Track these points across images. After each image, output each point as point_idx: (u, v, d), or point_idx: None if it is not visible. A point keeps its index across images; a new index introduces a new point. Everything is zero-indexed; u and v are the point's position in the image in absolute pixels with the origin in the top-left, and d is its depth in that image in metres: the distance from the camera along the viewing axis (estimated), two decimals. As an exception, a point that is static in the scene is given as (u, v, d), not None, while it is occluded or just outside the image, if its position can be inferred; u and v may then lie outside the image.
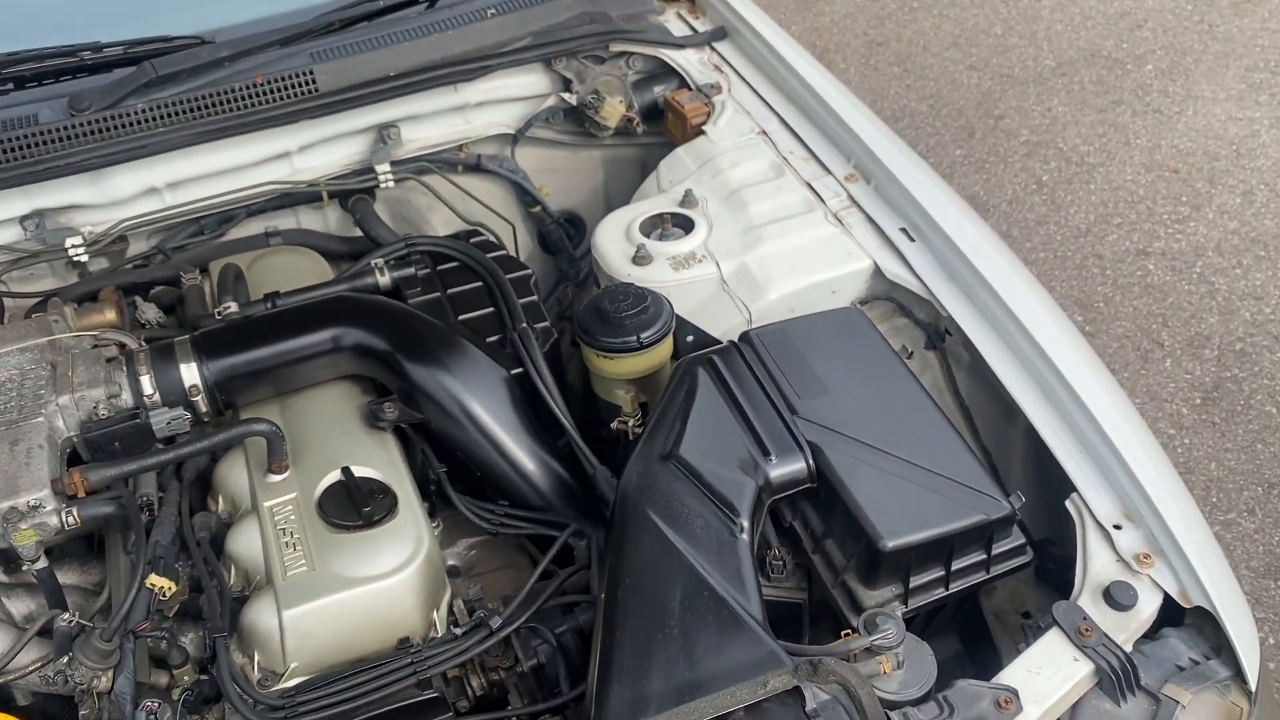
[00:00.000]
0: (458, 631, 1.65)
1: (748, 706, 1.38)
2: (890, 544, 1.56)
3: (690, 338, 2.00)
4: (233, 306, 1.97)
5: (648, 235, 2.14)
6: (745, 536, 1.57)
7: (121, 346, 1.93)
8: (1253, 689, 1.48)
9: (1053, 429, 1.77)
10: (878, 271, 2.08)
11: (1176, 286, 4.07)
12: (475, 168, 2.55)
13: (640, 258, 2.10)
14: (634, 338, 1.88)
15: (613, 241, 2.16)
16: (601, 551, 1.78)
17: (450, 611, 1.74)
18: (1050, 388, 1.81)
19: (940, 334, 2.05)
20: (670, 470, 1.64)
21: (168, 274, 2.25)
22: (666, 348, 1.95)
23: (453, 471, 1.93)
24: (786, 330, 1.86)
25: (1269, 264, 4.11)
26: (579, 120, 2.60)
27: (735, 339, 1.87)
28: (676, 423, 1.71)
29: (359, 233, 2.46)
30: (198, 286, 2.16)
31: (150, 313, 2.17)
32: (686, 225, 2.16)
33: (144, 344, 1.92)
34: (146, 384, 1.82)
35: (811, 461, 1.67)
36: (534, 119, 2.57)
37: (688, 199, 2.20)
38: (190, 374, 1.84)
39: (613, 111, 2.51)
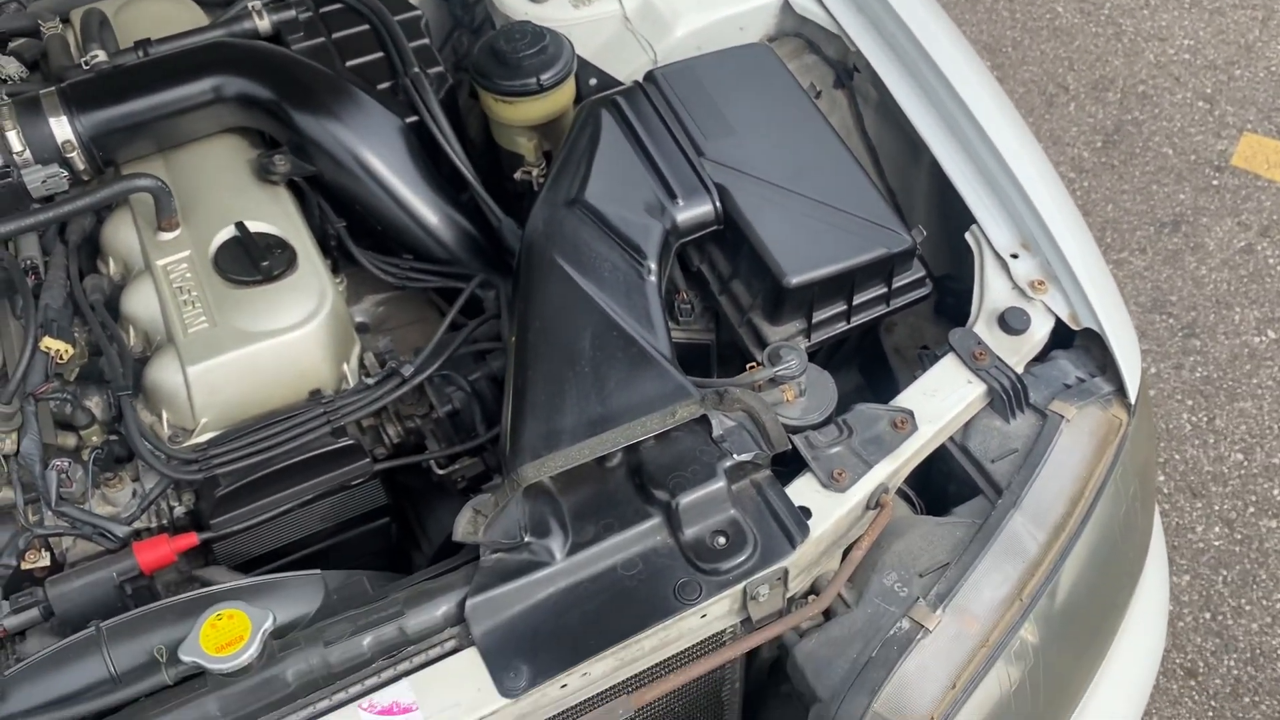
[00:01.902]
0: (369, 381, 1.66)
1: (657, 436, 1.43)
2: (794, 280, 1.58)
3: (593, 80, 1.93)
4: (100, 55, 1.82)
5: (545, -30, 2.02)
6: (653, 279, 1.57)
7: (-20, 101, 1.79)
8: (1132, 402, 1.57)
9: (955, 162, 1.78)
10: (787, 6, 2.01)
11: (1084, 29, 4.04)
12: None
13: (537, -7, 1.98)
14: (533, 79, 1.80)
15: (509, -22, 2.03)
16: (510, 300, 1.77)
17: (361, 365, 1.74)
18: (955, 122, 1.81)
19: (849, 71, 2.01)
20: (576, 215, 1.61)
21: (25, 24, 2.06)
22: (568, 91, 1.88)
23: (353, 227, 1.88)
24: (693, 68, 1.81)
25: (1175, 3, 4.09)
26: None
27: (639, 80, 1.81)
28: (581, 167, 1.67)
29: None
30: (60, 36, 1.99)
31: (11, 67, 2.00)
32: (586, -41, 2.04)
33: (5, 98, 1.78)
34: (14, 140, 1.70)
35: (718, 203, 1.66)
36: None
37: (586, -70, 2.07)
38: (61, 128, 1.72)
39: None
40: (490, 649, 1.30)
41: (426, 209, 1.85)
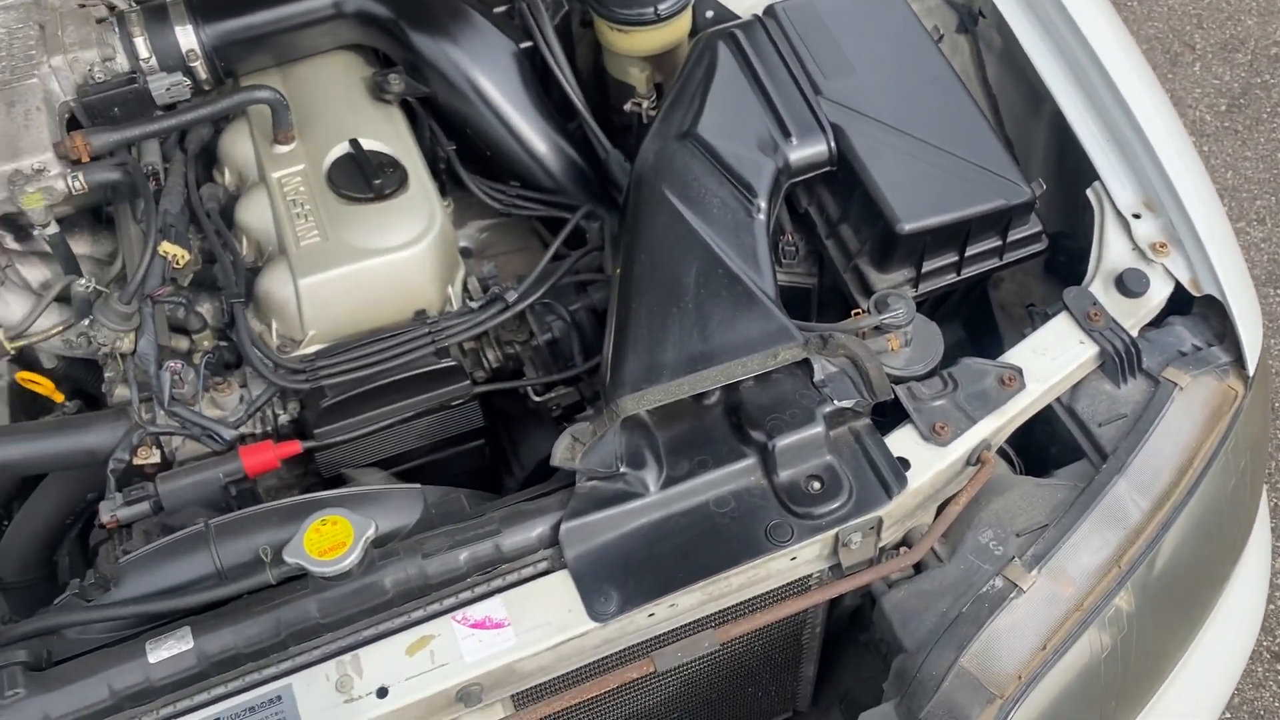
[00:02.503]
0: (473, 305, 1.67)
1: (757, 376, 1.42)
2: (908, 226, 1.55)
3: (710, 13, 1.90)
4: (225, -34, 1.84)
5: (668, -102, 1.97)
6: (762, 217, 1.55)
7: (111, 8, 1.82)
8: (1250, 374, 1.52)
9: (1081, 115, 1.71)
10: (913, -55, 1.93)
11: (1218, -16, 3.85)
12: None
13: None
14: (651, 9, 1.78)
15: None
16: (615, 232, 1.77)
17: (464, 289, 1.76)
18: (1083, 73, 1.74)
19: (974, 16, 1.94)
20: (687, 149, 1.60)
21: (151, -67, 2.10)
22: (685, 22, 1.85)
23: (462, 151, 1.89)
24: (814, 5, 1.76)
25: (1320, -38, 3.86)
26: None
27: (758, 14, 1.77)
28: (695, 100, 1.65)
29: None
30: (185, -54, 2.01)
31: (136, -26, 2.03)
32: (709, -113, 1.99)
33: (134, 5, 1.82)
34: (141, 46, 1.73)
35: (833, 143, 1.62)
36: None
37: None
38: (187, 37, 1.75)
39: None
40: (582, 573, 1.32)
41: (536, 136, 1.85)
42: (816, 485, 1.37)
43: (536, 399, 1.70)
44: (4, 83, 1.67)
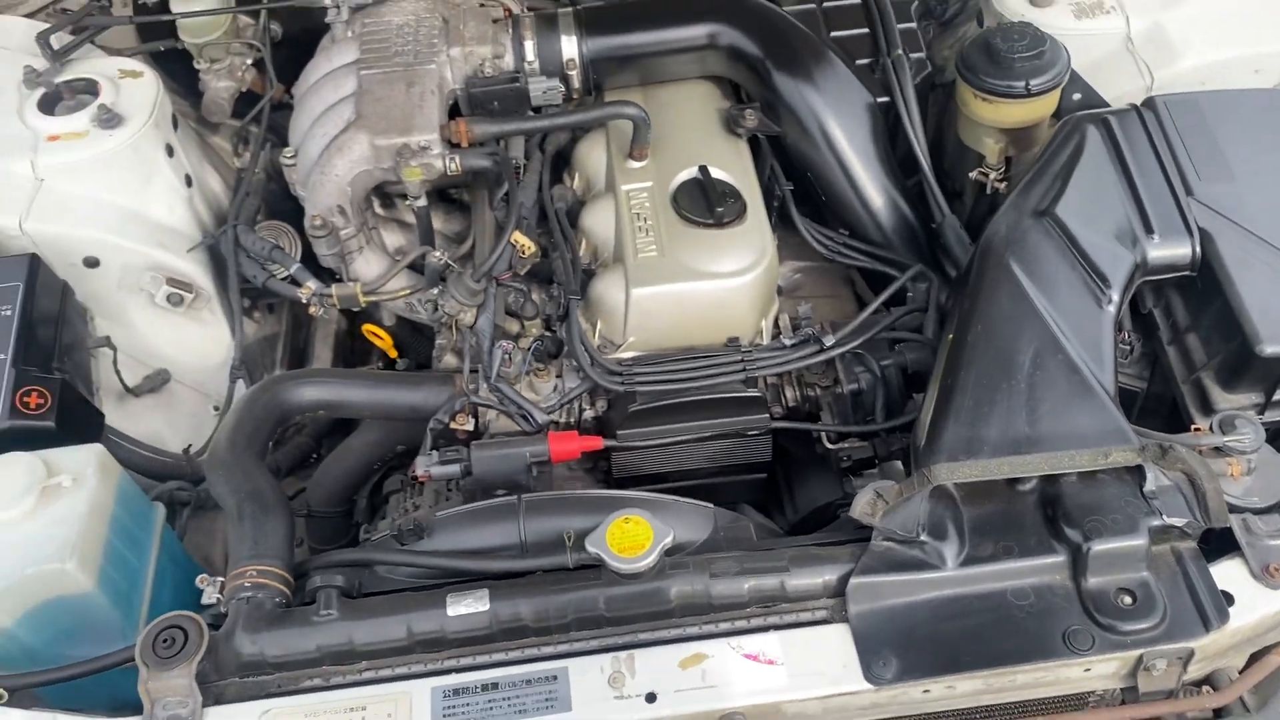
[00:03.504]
0: (787, 342, 1.69)
1: (1082, 473, 1.36)
2: (1269, 349, 1.44)
3: (1077, 95, 1.84)
4: (615, -15, 1.97)
5: (1053, -27, 1.94)
6: (1111, 309, 1.49)
7: (507, 10, 1.98)
8: None
9: None
10: (1315, 55, 1.82)
11: None
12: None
13: (1040, -2, 1.92)
14: (1022, 83, 1.75)
15: (1011, -23, 1.98)
16: (941, 297, 1.75)
17: (775, 324, 1.78)
18: None
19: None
20: (1043, 227, 1.56)
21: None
22: (1052, 100, 1.81)
23: (796, 192, 1.92)
24: (1198, 103, 1.68)
25: None
26: None
27: (1136, 103, 1.71)
28: (1057, 180, 1.61)
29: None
30: (579, -39, 2.16)
31: (527, -18, 2.20)
32: (1098, -32, 1.94)
33: (528, 11, 1.97)
34: (529, 50, 1.87)
35: (1198, 248, 1.54)
36: None
37: (1106, -60, 1.97)
38: (570, 47, 1.88)
39: None
40: (863, 631, 1.30)
41: (875, 190, 1.87)
42: (1128, 600, 1.30)
43: (829, 446, 1.70)
44: (407, 65, 1.85)
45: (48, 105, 1.90)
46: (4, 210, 1.78)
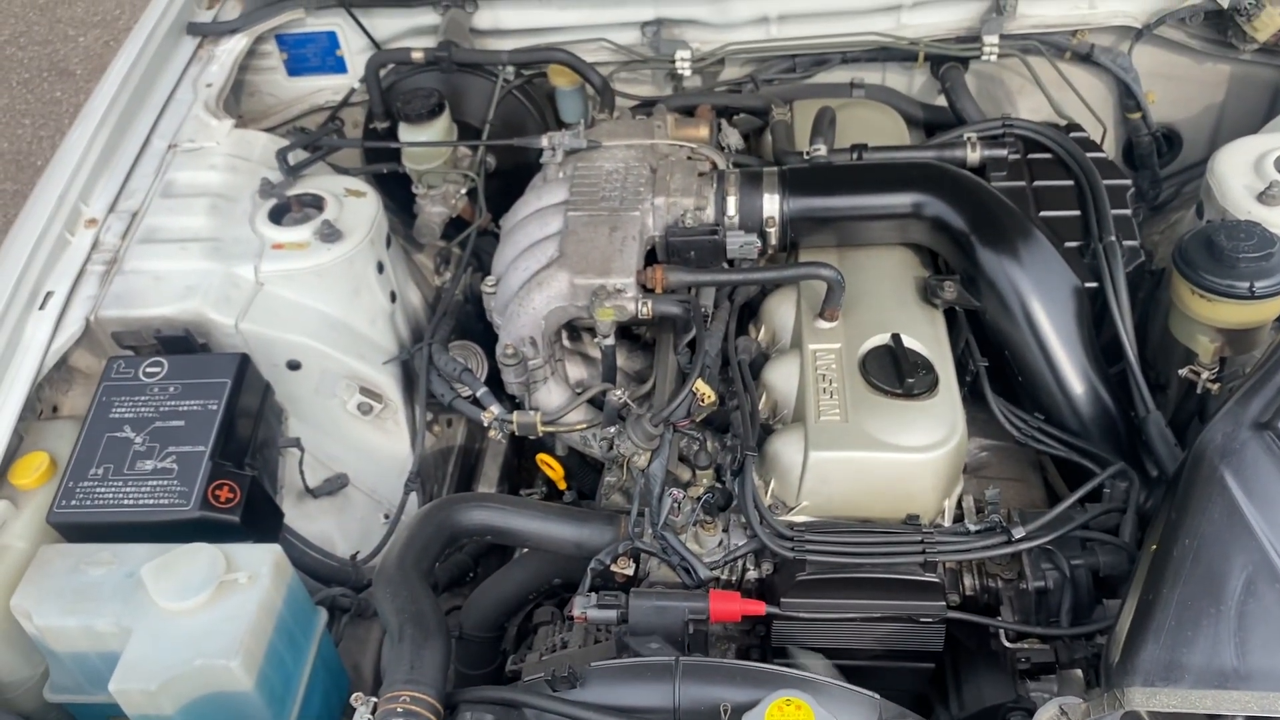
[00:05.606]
0: (972, 527, 1.61)
1: (1300, 721, 1.22)
2: None
3: (1301, 303, 1.74)
4: (822, 150, 1.99)
5: (1281, 173, 1.87)
6: (1339, 539, 1.36)
7: (713, 164, 2.03)
8: None
9: None
10: None
11: None
12: (1085, 58, 2.36)
13: (1269, 196, 1.83)
14: (1247, 284, 1.66)
15: (1237, 172, 1.91)
16: (1142, 500, 1.65)
17: (958, 505, 1.71)
18: None
19: None
20: (1263, 441, 1.44)
21: (756, 104, 2.32)
22: (1277, 305, 1.71)
23: (990, 368, 1.86)
24: None
25: None
26: (1221, 26, 2.29)
27: (1376, 317, 1.60)
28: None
29: (941, 102, 2.38)
30: (785, 122, 2.20)
31: (733, 138, 2.25)
32: (1334, 172, 1.85)
33: (733, 167, 2.01)
34: (731, 205, 1.90)
35: None
36: (1168, 15, 2.30)
37: (1345, 142, 1.88)
38: (771, 205, 1.90)
39: (1269, 23, 2.18)
40: None
41: (1076, 376, 1.79)
42: None
43: (1006, 644, 1.59)
44: (613, 209, 1.91)
45: (277, 215, 2.04)
46: (225, 309, 1.89)
